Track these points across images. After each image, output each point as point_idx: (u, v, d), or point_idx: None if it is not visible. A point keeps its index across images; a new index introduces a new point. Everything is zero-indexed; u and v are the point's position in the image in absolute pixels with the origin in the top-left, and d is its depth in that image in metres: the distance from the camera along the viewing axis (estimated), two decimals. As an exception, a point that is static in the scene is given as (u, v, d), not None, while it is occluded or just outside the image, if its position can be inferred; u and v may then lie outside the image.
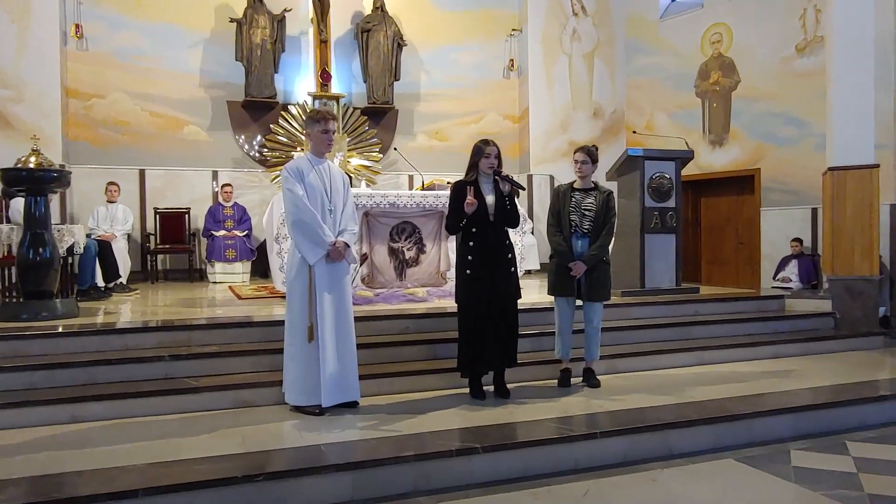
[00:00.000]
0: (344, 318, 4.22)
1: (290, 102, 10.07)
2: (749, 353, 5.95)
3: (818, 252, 9.07)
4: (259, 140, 9.97)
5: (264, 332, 5.03)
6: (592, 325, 4.91)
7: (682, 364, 5.65)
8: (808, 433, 4.32)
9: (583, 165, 4.86)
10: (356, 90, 10.46)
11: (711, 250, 11.04)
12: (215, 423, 4.01)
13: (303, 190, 4.11)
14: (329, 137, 4.23)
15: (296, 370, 4.16)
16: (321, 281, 4.13)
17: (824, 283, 7.50)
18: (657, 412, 4.22)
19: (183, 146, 9.68)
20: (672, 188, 7.02)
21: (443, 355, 5.08)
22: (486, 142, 4.52)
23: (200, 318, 5.41)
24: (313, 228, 4.09)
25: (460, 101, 11.01)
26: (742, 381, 5.10)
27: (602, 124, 11.38)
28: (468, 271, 4.46)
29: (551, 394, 4.71)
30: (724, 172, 10.40)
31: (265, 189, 9.95)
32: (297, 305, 4.15)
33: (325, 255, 4.12)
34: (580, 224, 4.81)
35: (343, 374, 4.18)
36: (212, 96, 9.81)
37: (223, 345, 4.87)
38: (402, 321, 5.45)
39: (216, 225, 9.29)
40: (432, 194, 6.55)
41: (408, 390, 4.71)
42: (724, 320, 6.38)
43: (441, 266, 6.69)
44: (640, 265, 6.89)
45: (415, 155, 9.96)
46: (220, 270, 9.04)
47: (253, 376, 4.55)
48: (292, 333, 4.17)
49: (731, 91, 10.27)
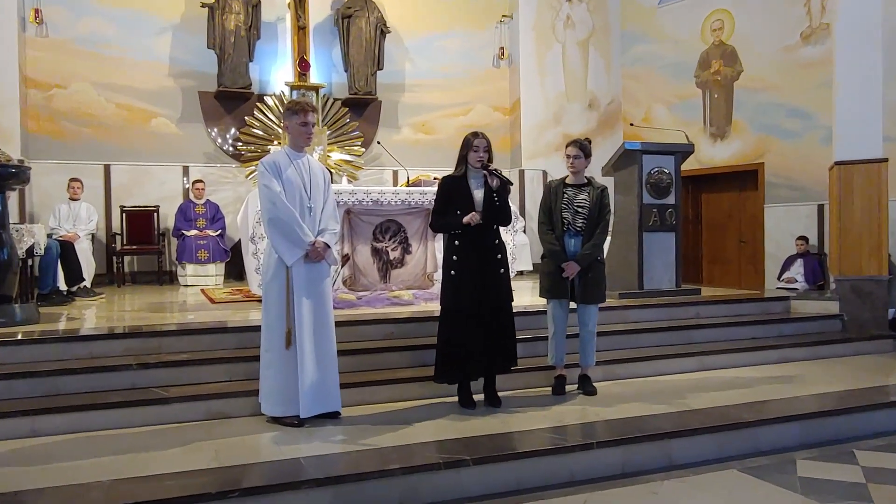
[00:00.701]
0: (324, 323, 4.20)
1: (266, 93, 10.03)
2: (753, 357, 5.99)
3: (825, 251, 9.15)
4: (233, 133, 9.93)
5: (239, 338, 5.00)
6: (587, 329, 4.92)
7: (683, 370, 5.67)
8: (815, 442, 4.35)
9: (575, 160, 4.87)
10: (337, 80, 10.43)
11: (713, 249, 11.11)
12: (187, 435, 3.98)
13: (280, 186, 4.10)
14: (308, 130, 4.22)
15: (273, 379, 4.14)
16: (299, 283, 4.11)
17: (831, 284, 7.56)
18: (657, 421, 4.24)
19: (151, 140, 9.61)
20: (671, 184, 7.06)
21: (430, 362, 5.04)
22: (475, 134, 4.52)
23: (170, 323, 5.38)
24: (291, 227, 4.07)
25: (447, 92, 11.01)
26: (746, 388, 5.13)
27: (597, 116, 11.42)
28: (452, 272, 4.46)
29: (545, 402, 4.72)
30: (725, 167, 10.47)
31: (240, 185, 9.90)
32: (273, 310, 4.13)
33: (303, 255, 4.10)
34: (573, 222, 4.83)
35: (323, 382, 4.17)
36: (182, 86, 9.75)
37: (195, 352, 4.84)
38: (386, 326, 5.44)
39: (187, 224, 9.23)
40: (418, 191, 6.54)
41: (393, 399, 4.70)
42: (726, 323, 6.43)
43: (428, 267, 6.68)
44: (637, 265, 6.92)
45: (399, 149, 9.95)
46: (191, 273, 8.99)
47: (227, 386, 4.52)
48: (269, 339, 4.15)
49: (732, 81, 10.34)
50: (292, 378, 4.10)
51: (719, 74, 10.50)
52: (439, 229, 4.73)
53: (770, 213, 9.97)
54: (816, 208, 9.44)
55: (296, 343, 4.08)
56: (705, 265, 11.22)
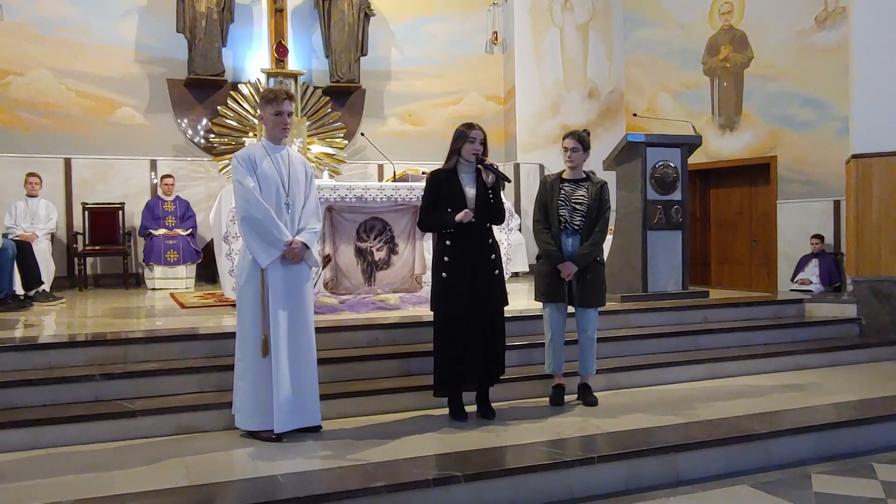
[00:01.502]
0: (303, 330, 4.19)
1: (240, 81, 9.99)
2: (765, 364, 6.02)
3: (841, 250, 9.21)
4: (205, 124, 9.89)
5: (211, 346, 4.99)
6: (587, 334, 4.93)
7: (691, 378, 5.70)
8: (832, 455, 4.37)
9: (573, 153, 4.87)
10: (317, 67, 10.41)
11: (722, 249, 11.16)
12: (155, 451, 3.96)
13: (255, 181, 4.08)
14: (283, 120, 4.20)
15: (248, 390, 4.12)
16: (276, 287, 4.10)
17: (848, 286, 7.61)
18: (662, 433, 4.25)
19: (116, 131, 9.56)
20: (677, 178, 7.08)
21: (418, 371, 5.07)
22: (469, 125, 4.52)
23: (137, 330, 5.36)
24: (265, 226, 4.05)
25: (437, 80, 11.01)
26: (758, 397, 5.16)
27: (598, 106, 11.45)
28: (444, 274, 4.46)
29: (542, 413, 4.72)
30: (735, 160, 10.52)
31: (212, 181, 9.86)
32: (248, 315, 4.12)
33: (279, 256, 4.09)
34: (570, 219, 4.83)
35: (301, 394, 4.15)
36: (149, 74, 9.70)
37: (163, 361, 4.82)
38: (370, 332, 5.43)
39: (155, 222, 9.19)
40: (405, 186, 6.54)
41: (378, 411, 4.70)
42: (736, 328, 6.45)
43: (416, 268, 6.68)
44: (641, 266, 6.94)
45: (385, 141, 9.94)
46: (159, 275, 8.95)
47: (198, 397, 4.51)
48: (243, 348, 4.14)
49: (743, 68, 10.39)
50: (269, 389, 4.08)
51: (728, 61, 10.55)
52: (428, 228, 4.72)
53: (783, 210, 10.02)
54: (832, 204, 9.50)
55: (271, 352, 4.07)
56: (714, 266, 11.27)
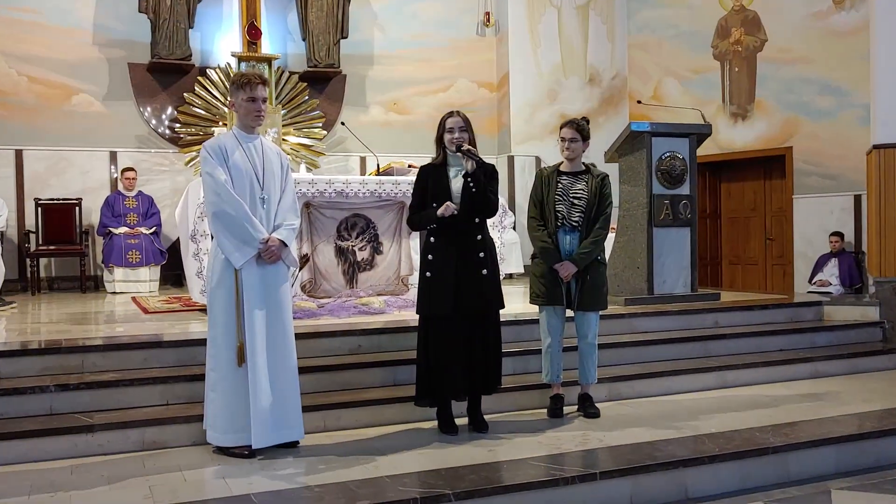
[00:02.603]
0: (281, 337, 4.18)
1: (208, 65, 9.98)
2: (781, 372, 6.05)
3: (862, 249, 9.27)
4: (170, 113, 9.86)
5: (177, 354, 4.97)
6: (587, 340, 4.94)
7: (700, 387, 5.72)
8: (853, 469, 4.40)
9: (571, 143, 4.88)
10: (293, 50, 10.40)
11: (734, 248, 11.22)
12: (116, 470, 3.94)
13: (226, 174, 4.07)
14: (258, 107, 4.19)
15: (220, 402, 4.11)
16: (251, 289, 4.09)
17: (870, 287, 7.66)
18: (670, 447, 4.26)
19: (72, 120, 9.52)
20: (685, 171, 7.11)
21: (404, 380, 5.07)
22: (449, 113, 4.57)
23: (95, 337, 5.33)
24: (240, 222, 4.04)
25: (424, 65, 11.02)
26: (773, 407, 5.19)
27: (599, 93, 11.49)
28: (428, 273, 4.47)
29: (539, 426, 4.73)
30: (748, 152, 10.57)
31: (178, 174, 9.84)
32: (220, 320, 4.11)
33: (255, 255, 4.08)
34: (568, 216, 4.84)
35: (280, 406, 4.15)
36: (109, 57, 9.67)
37: (125, 371, 4.79)
38: (353, 338, 5.43)
39: (115, 220, 9.16)
40: (390, 180, 6.54)
41: (361, 425, 4.70)
42: (750, 333, 6.49)
43: (402, 269, 6.68)
44: (647, 266, 6.97)
45: (367, 131, 9.91)
46: (120, 277, 8.92)
47: (164, 410, 4.49)
48: (215, 356, 4.13)
49: (755, 52, 10.45)
50: (243, 401, 4.07)
51: (740, 44, 10.60)
52: (417, 226, 4.72)
53: (799, 206, 10.08)
54: (853, 199, 9.56)
55: (248, 360, 4.06)
56: (725, 266, 11.32)
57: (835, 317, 7.14)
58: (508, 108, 11.10)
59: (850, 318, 7.05)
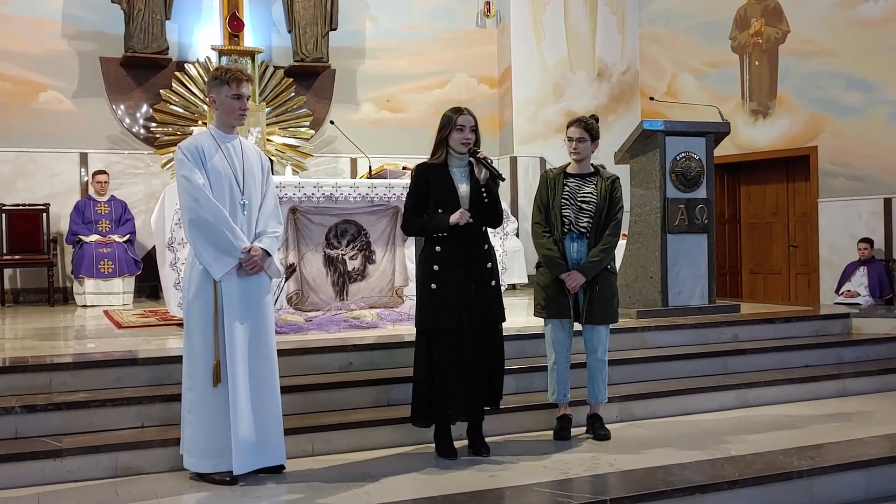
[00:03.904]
0: (263, 353, 4.18)
1: (187, 60, 9.99)
2: (806, 390, 6.05)
3: (893, 256, 9.29)
4: (145, 111, 9.88)
5: (154, 372, 4.97)
6: (596, 356, 4.95)
7: (719, 407, 5.72)
8: (884, 494, 4.40)
9: (579, 143, 4.89)
10: (278, 43, 10.42)
11: (755, 255, 11.23)
12: (86, 498, 3.93)
13: (204, 177, 4.08)
14: (242, 105, 4.20)
15: (196, 425, 4.11)
16: (231, 302, 4.09)
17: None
18: (686, 471, 4.26)
19: (39, 119, 9.52)
20: (702, 173, 7.13)
21: (399, 400, 5.07)
22: (458, 110, 4.54)
23: (64, 354, 5.33)
24: (219, 230, 4.05)
25: (419, 59, 11.03)
26: (797, 428, 5.19)
27: (608, 89, 11.51)
28: (433, 285, 4.47)
29: (545, 449, 4.73)
30: (769, 152, 10.59)
31: (154, 177, 9.84)
32: (198, 336, 4.11)
33: (236, 266, 4.09)
34: (576, 221, 4.85)
35: (262, 429, 4.14)
36: (79, 51, 9.68)
37: (96, 391, 4.78)
38: (343, 355, 5.42)
39: (86, 227, 9.15)
40: (383, 184, 6.55)
41: (351, 448, 4.69)
42: (772, 348, 6.49)
43: (396, 280, 6.68)
44: (660, 276, 6.97)
45: (359, 131, 9.93)
46: (91, 290, 8.91)
47: (138, 433, 4.49)
48: (193, 375, 4.12)
49: (777, 44, 10.48)
50: (223, 424, 4.07)
51: (760, 36, 10.63)
52: (416, 232, 4.73)
53: (825, 210, 10.10)
54: (882, 203, 9.58)
55: (227, 379, 4.06)
56: (745, 275, 11.33)
57: (864, 330, 7.13)
58: (511, 106, 11.11)
59: (880, 332, 7.04)
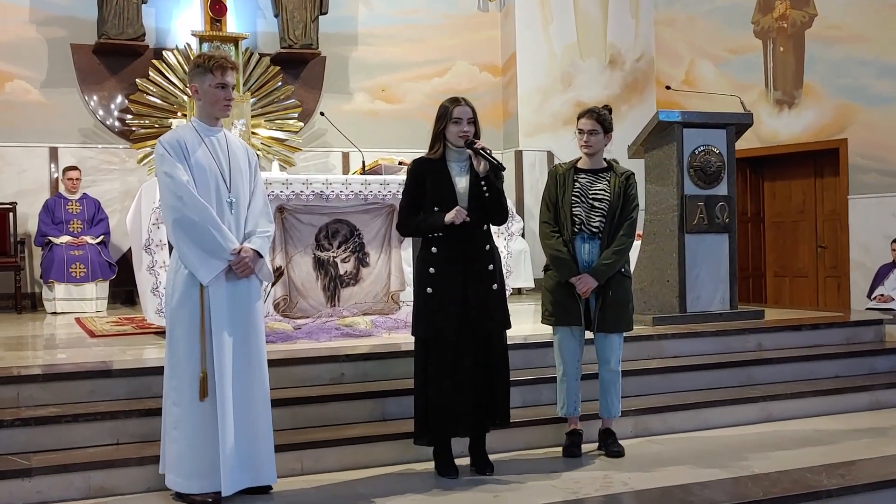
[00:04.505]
0: (255, 363, 4.17)
1: (165, 46, 9.99)
2: (835, 403, 6.06)
3: (930, 258, 9.29)
4: (120, 102, 9.88)
5: (130, 385, 4.96)
6: (609, 366, 4.95)
7: (742, 421, 5.73)
8: (920, 516, 4.42)
9: (590, 136, 4.90)
10: (264, 29, 10.43)
11: (780, 257, 11.22)
12: (58, 521, 3.94)
13: (188, 174, 4.08)
14: (227, 95, 4.20)
15: (182, 442, 4.09)
16: (220, 308, 4.07)
17: (939, 302, 7.69)
18: (706, 491, 4.26)
19: (5, 111, 9.52)
20: (723, 168, 7.13)
21: (395, 414, 5.08)
22: (455, 100, 4.55)
23: (33, 365, 5.32)
24: (206, 230, 4.03)
25: (416, 45, 11.03)
26: (826, 444, 5.19)
27: (622, 77, 11.51)
28: (429, 289, 4.47)
29: (553, 467, 4.73)
30: (795, 145, 10.59)
31: (129, 174, 9.85)
32: (182, 346, 4.09)
33: (225, 269, 4.08)
34: (587, 220, 4.86)
35: (252, 446, 4.13)
36: (48, 38, 9.68)
37: (68, 405, 4.78)
38: (335, 365, 5.43)
39: (56, 228, 9.15)
40: (377, 180, 6.55)
41: (345, 466, 4.69)
42: (799, 357, 6.50)
43: (391, 284, 6.68)
44: (678, 280, 6.98)
45: (351, 123, 9.93)
46: (62, 295, 8.91)
47: (113, 451, 4.48)
48: (178, 388, 4.11)
49: (803, 29, 10.48)
50: (209, 440, 4.05)
51: (785, 20, 10.63)
52: (411, 232, 4.73)
53: (856, 207, 10.10)
54: (918, 200, 9.60)
55: (216, 392, 4.05)
56: (769, 279, 11.33)
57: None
58: (515, 95, 11.11)
59: (916, 340, 7.08)
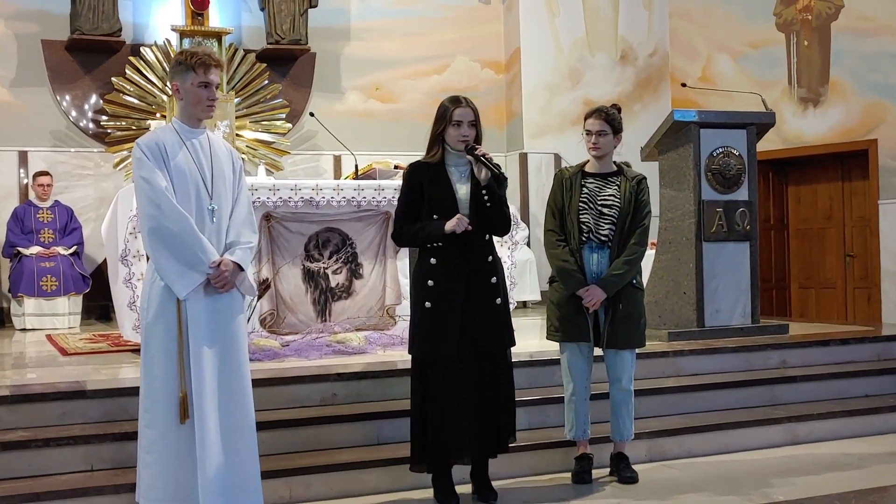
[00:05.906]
0: (236, 384, 4.16)
1: (143, 42, 10.03)
2: (866, 424, 6.05)
3: (966, 267, 9.30)
4: (94, 102, 9.90)
5: (105, 406, 4.97)
6: (621, 385, 4.95)
7: (765, 443, 5.73)
8: (958, 546, 4.43)
9: (598, 137, 4.91)
10: (249, 23, 10.45)
11: (805, 267, 11.21)
12: (27, 554, 3.94)
13: (167, 179, 4.08)
14: (210, 94, 4.19)
15: (155, 467, 4.09)
16: (198, 324, 4.08)
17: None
18: (727, 519, 4.28)
19: (-29, 113, 9.57)
20: (743, 171, 7.14)
21: (390, 437, 5.08)
22: (455, 100, 4.55)
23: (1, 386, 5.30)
24: (184, 241, 4.04)
25: (413, 40, 11.05)
26: (856, 469, 5.19)
27: (634, 74, 11.53)
28: (427, 303, 4.48)
29: (561, 494, 4.73)
30: (821, 146, 10.59)
31: (104, 179, 9.88)
32: (158, 364, 4.09)
33: (203, 282, 4.09)
34: (596, 228, 4.87)
35: (235, 472, 4.13)
36: (18, 33, 9.71)
37: (38, 428, 4.79)
38: (326, 385, 5.43)
39: (26, 238, 9.17)
40: (371, 185, 6.56)
41: (336, 494, 4.69)
42: (826, 375, 6.49)
43: (387, 298, 6.68)
44: (696, 292, 6.97)
45: (343, 124, 9.95)
46: (32, 310, 8.92)
47: (86, 478, 4.49)
48: (153, 410, 4.10)
49: (829, 21, 10.50)
50: (188, 466, 4.05)
51: (810, 12, 10.65)
52: (407, 242, 4.74)
53: (887, 213, 10.10)
54: (953, 205, 9.62)
55: (194, 414, 4.06)
56: (794, 290, 11.32)
57: (933, 353, 7.16)
58: (520, 94, 11.13)
59: (952, 356, 7.08)
